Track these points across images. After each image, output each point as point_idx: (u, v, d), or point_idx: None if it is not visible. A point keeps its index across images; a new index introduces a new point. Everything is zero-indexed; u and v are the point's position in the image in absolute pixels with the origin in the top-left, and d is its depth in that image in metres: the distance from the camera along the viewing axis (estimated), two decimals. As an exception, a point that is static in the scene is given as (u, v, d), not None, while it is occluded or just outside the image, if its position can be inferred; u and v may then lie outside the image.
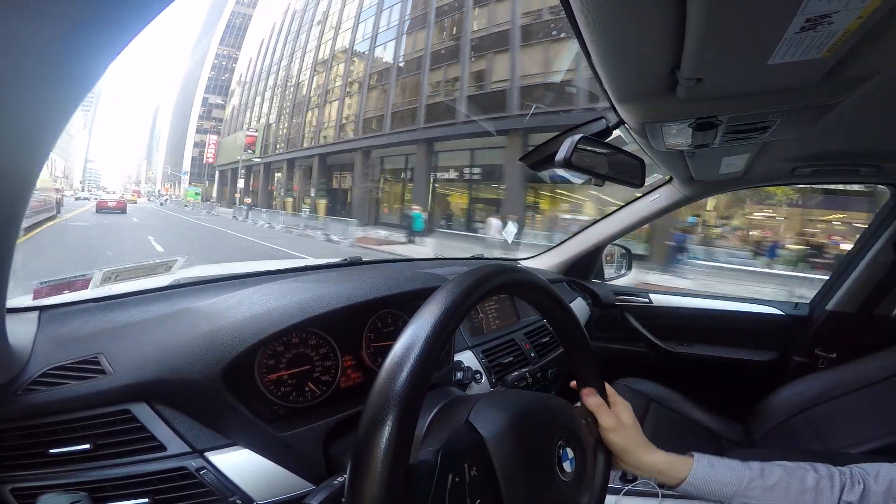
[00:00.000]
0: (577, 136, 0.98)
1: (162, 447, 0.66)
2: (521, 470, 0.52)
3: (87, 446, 0.64)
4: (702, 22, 0.53)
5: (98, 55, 0.39)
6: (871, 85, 0.71)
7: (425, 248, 15.43)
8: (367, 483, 0.40)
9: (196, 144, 69.57)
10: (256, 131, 40.81)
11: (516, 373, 1.22)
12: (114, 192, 51.68)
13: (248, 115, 48.23)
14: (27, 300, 0.86)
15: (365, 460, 0.41)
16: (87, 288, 1.03)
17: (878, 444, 1.24)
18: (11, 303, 0.79)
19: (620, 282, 2.27)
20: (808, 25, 0.51)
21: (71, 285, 1.03)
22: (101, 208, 23.33)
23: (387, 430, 0.41)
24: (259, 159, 38.36)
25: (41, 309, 0.81)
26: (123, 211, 23.80)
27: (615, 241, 2.11)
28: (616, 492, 1.05)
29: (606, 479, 0.68)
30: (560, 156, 0.97)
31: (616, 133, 1.10)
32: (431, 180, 21.20)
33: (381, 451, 0.41)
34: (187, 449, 0.68)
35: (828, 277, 1.91)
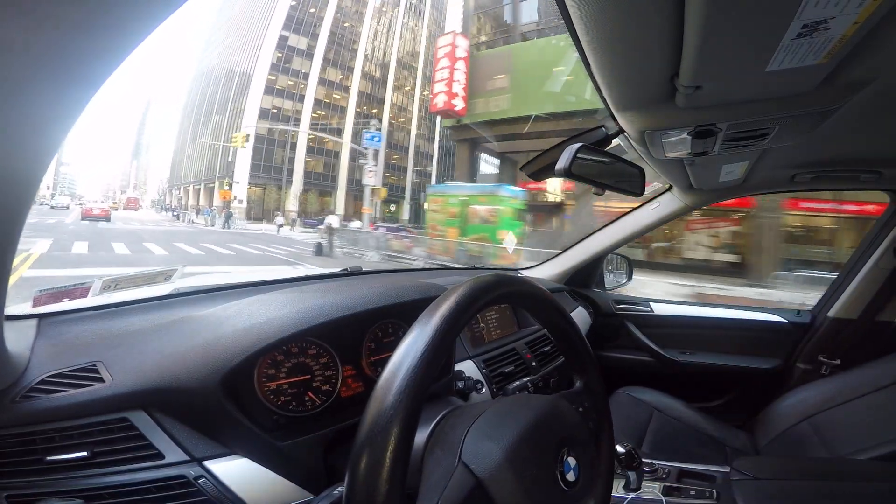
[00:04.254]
0: (577, 146, 0.98)
1: (160, 455, 0.66)
2: (523, 499, 0.51)
3: (84, 454, 0.63)
4: (700, 30, 0.53)
5: (106, 56, 0.39)
6: (869, 90, 0.72)
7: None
8: (363, 496, 0.40)
9: (263, 114, 40.18)
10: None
11: (517, 382, 1.21)
12: (99, 202, 36.83)
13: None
14: (26, 308, 0.86)
15: (361, 473, 0.40)
16: (86, 296, 1.03)
17: (885, 450, 1.23)
18: (10, 310, 0.79)
19: (621, 290, 2.27)
20: (805, 31, 0.52)
21: (70, 293, 1.03)
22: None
23: (383, 445, 0.41)
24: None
25: (40, 317, 0.81)
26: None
27: (615, 251, 2.11)
28: (620, 501, 1.04)
29: (610, 488, 0.68)
30: (560, 165, 0.98)
31: (616, 142, 1.11)
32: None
33: (378, 465, 0.40)
34: (186, 457, 0.67)
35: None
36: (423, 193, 59.78)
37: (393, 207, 49.68)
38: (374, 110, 48.06)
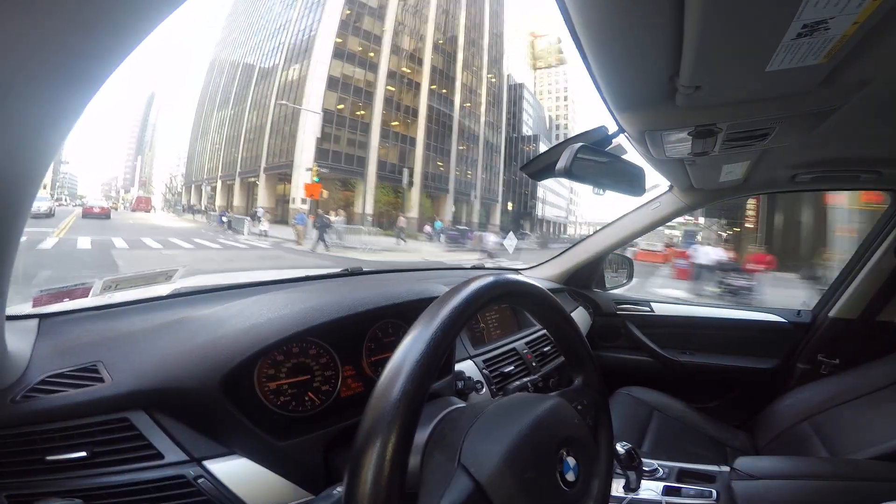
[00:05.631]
0: (577, 145, 0.98)
1: (160, 455, 0.66)
2: (523, 501, 0.51)
3: (84, 454, 0.63)
4: (700, 30, 0.53)
5: (106, 55, 0.39)
6: (869, 90, 0.71)
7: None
8: (363, 496, 0.40)
9: (332, 84, 30.36)
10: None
11: (518, 382, 1.21)
12: (101, 201, 30.17)
13: None
14: (27, 308, 0.86)
15: (361, 473, 0.40)
16: (87, 296, 1.03)
17: (885, 449, 1.23)
18: (11, 310, 0.79)
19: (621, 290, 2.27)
20: (805, 31, 0.52)
21: (71, 294, 1.03)
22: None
23: (383, 445, 0.41)
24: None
25: (41, 317, 0.81)
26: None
27: (616, 251, 2.11)
28: (619, 501, 1.04)
29: (609, 488, 0.67)
30: (560, 165, 0.98)
31: (616, 142, 1.11)
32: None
33: (377, 465, 0.40)
34: (185, 457, 0.67)
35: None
36: (496, 190, 47.01)
37: (453, 208, 38.11)
38: (444, 90, 39.32)
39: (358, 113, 31.90)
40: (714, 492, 1.11)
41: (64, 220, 18.00)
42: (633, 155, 1.18)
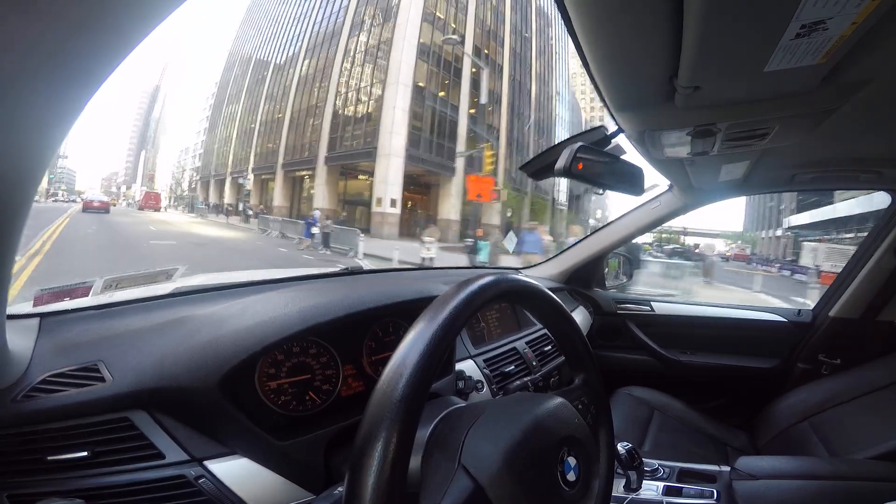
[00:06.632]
0: (577, 145, 0.98)
1: (160, 455, 0.66)
2: (523, 502, 0.51)
3: (85, 453, 0.63)
4: (698, 30, 0.54)
5: (106, 54, 0.39)
6: (868, 90, 0.72)
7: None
8: (364, 496, 0.40)
9: (423, 52, 23.74)
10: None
11: (518, 381, 1.21)
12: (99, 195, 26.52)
13: None
14: (27, 307, 0.86)
15: (362, 473, 0.40)
16: (87, 296, 1.03)
17: (884, 448, 1.23)
18: (11, 309, 0.79)
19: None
20: (803, 32, 0.52)
21: (71, 293, 1.03)
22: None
23: (384, 444, 0.41)
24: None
25: (41, 316, 0.81)
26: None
27: (616, 250, 2.11)
28: (620, 500, 1.04)
29: (610, 488, 0.68)
30: (559, 165, 0.98)
31: (615, 142, 1.11)
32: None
33: (378, 465, 0.40)
34: (186, 457, 0.67)
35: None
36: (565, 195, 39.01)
37: (510, 213, 27.07)
38: (522, 77, 33.35)
39: (440, 94, 25.48)
40: (715, 492, 1.11)
41: (42, 232, 10.19)
42: (632, 155, 1.18)
